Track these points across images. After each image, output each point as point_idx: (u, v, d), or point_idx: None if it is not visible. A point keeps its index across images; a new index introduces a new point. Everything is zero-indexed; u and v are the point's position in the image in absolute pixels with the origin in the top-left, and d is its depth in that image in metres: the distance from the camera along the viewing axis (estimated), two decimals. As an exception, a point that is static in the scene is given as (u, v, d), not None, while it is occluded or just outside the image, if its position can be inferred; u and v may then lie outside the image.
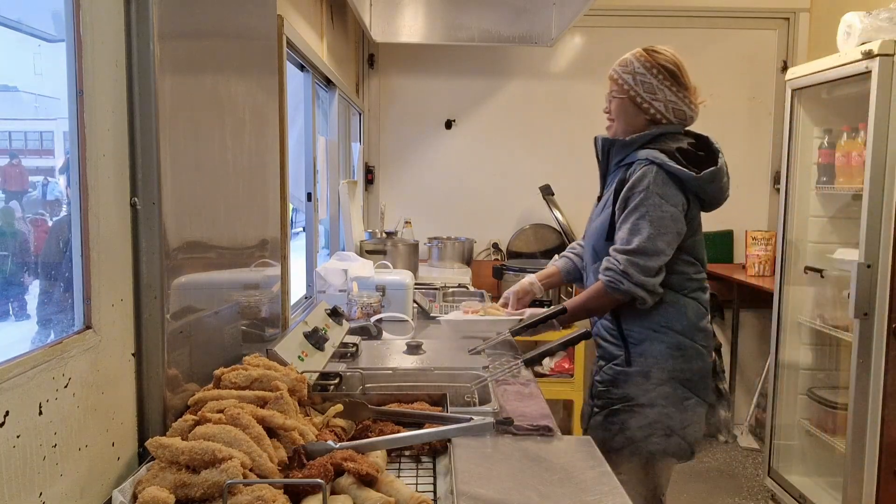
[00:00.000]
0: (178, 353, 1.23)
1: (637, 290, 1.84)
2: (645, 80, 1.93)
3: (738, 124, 4.41)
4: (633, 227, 1.86)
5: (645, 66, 1.94)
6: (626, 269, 1.84)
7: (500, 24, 3.79)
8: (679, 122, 1.99)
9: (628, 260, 1.84)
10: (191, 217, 1.29)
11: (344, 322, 2.11)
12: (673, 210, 1.88)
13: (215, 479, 0.96)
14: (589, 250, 2.04)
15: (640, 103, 1.94)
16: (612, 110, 2.00)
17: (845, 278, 2.76)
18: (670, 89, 1.96)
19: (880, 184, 2.55)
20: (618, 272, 1.84)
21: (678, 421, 1.91)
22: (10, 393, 0.82)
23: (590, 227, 2.06)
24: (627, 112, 1.96)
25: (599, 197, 2.08)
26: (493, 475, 1.18)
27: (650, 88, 1.94)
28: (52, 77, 1.04)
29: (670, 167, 1.87)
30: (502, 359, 1.85)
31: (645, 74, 1.94)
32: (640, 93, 1.94)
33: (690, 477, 3.73)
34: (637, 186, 1.87)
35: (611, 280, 1.86)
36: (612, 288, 1.86)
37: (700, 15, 4.32)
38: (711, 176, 1.91)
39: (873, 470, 2.62)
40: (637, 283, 1.83)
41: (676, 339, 1.91)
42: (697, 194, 1.95)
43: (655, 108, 1.95)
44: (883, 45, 2.51)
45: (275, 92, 1.91)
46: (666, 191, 1.88)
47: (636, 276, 1.83)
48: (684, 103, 1.99)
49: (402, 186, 4.47)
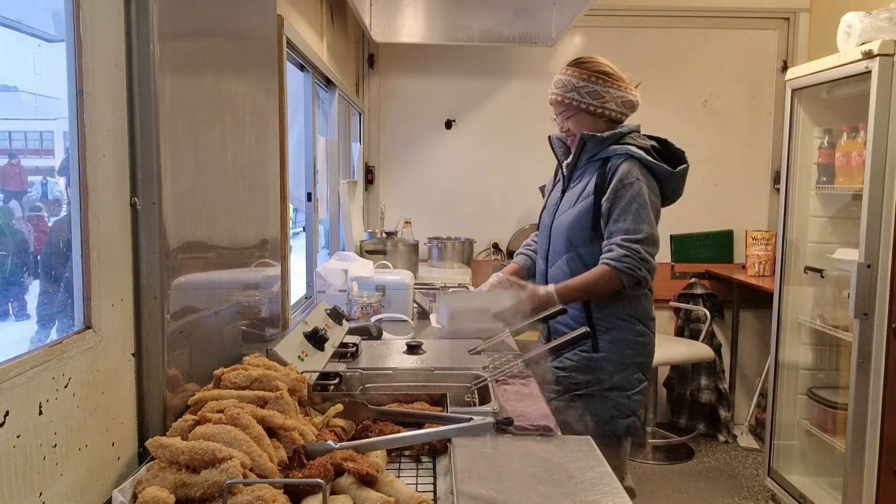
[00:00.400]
0: (178, 353, 1.23)
1: (649, 276, 2.03)
2: (589, 90, 2.09)
3: (738, 124, 4.42)
4: (636, 217, 2.01)
5: (583, 79, 2.10)
6: (645, 257, 2.00)
7: (500, 24, 3.79)
8: (630, 111, 2.15)
9: (644, 248, 2.00)
10: (191, 217, 1.29)
11: (344, 322, 2.11)
12: (656, 200, 2.08)
13: (215, 479, 0.96)
14: (561, 240, 2.14)
15: (594, 111, 2.10)
16: (572, 128, 2.13)
17: (845, 278, 2.76)
18: (612, 87, 2.11)
19: (880, 184, 2.55)
20: (636, 259, 1.99)
21: (637, 403, 2.08)
22: (10, 393, 0.82)
23: (560, 217, 2.16)
24: (586, 123, 2.11)
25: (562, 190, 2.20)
26: (492, 475, 1.18)
27: (597, 95, 2.09)
28: (52, 77, 1.04)
29: (649, 161, 2.04)
30: (502, 359, 1.85)
31: (587, 85, 2.09)
32: (591, 102, 2.09)
33: (690, 477, 3.73)
34: (626, 179, 2.01)
35: (629, 266, 1.99)
36: (629, 274, 1.99)
37: (700, 15, 4.32)
38: (683, 172, 2.10)
39: (873, 470, 2.62)
40: (650, 269, 2.02)
41: (638, 327, 2.09)
42: (662, 187, 2.11)
43: (610, 109, 2.10)
44: (883, 45, 2.51)
45: (275, 92, 1.91)
46: (650, 182, 2.05)
47: (651, 263, 2.02)
48: (627, 93, 2.14)
49: (402, 186, 4.47)
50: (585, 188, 2.09)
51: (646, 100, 4.42)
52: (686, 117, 4.41)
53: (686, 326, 4.33)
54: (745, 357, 4.41)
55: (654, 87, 4.40)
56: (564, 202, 2.17)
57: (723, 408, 4.22)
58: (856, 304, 2.60)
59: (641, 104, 2.23)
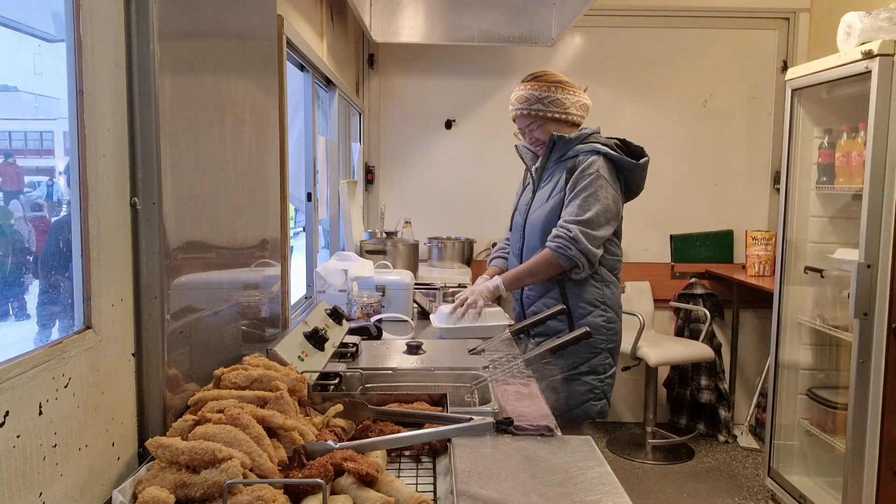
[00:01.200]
0: (178, 353, 1.23)
1: (581, 257, 2.12)
2: (551, 99, 2.24)
3: (738, 124, 4.42)
4: (583, 203, 2.13)
5: (544, 90, 2.25)
6: (577, 236, 2.10)
7: (500, 24, 3.79)
8: (586, 113, 2.33)
9: (579, 229, 2.10)
10: (191, 217, 1.29)
11: (344, 322, 2.11)
12: (615, 194, 2.18)
13: (215, 479, 0.96)
14: (535, 236, 2.28)
15: (559, 118, 2.26)
16: (540, 137, 2.28)
17: (845, 278, 2.76)
18: (570, 94, 2.27)
19: (880, 184, 2.55)
20: (567, 239, 2.11)
21: (608, 385, 2.23)
22: (10, 393, 0.82)
23: (533, 216, 2.30)
24: (553, 130, 2.26)
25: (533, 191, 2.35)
26: (493, 475, 1.18)
27: (559, 102, 2.25)
28: (52, 77, 1.04)
29: (613, 155, 2.18)
30: (502, 359, 1.85)
31: (548, 95, 2.24)
32: (556, 110, 2.25)
33: (690, 477, 3.73)
34: (587, 171, 2.16)
35: (560, 246, 2.12)
36: (560, 253, 2.12)
37: (700, 15, 4.32)
38: (646, 164, 2.24)
39: (873, 470, 2.62)
40: (583, 250, 2.10)
41: (610, 314, 2.22)
42: (626, 180, 2.24)
43: (571, 114, 2.27)
44: (883, 45, 2.51)
45: (275, 92, 1.91)
46: (610, 175, 2.18)
47: (584, 244, 2.10)
48: (582, 97, 2.31)
49: (402, 186, 4.47)
50: (556, 186, 2.24)
51: (646, 100, 4.46)
52: (686, 117, 4.41)
53: (686, 326, 4.33)
54: (745, 357, 4.41)
55: (654, 87, 4.40)
56: (536, 201, 2.31)
57: (723, 408, 4.22)
58: (856, 304, 2.60)
59: (642, 104, 2.29)
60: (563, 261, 2.13)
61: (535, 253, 2.25)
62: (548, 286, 2.27)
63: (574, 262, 2.12)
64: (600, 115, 4.50)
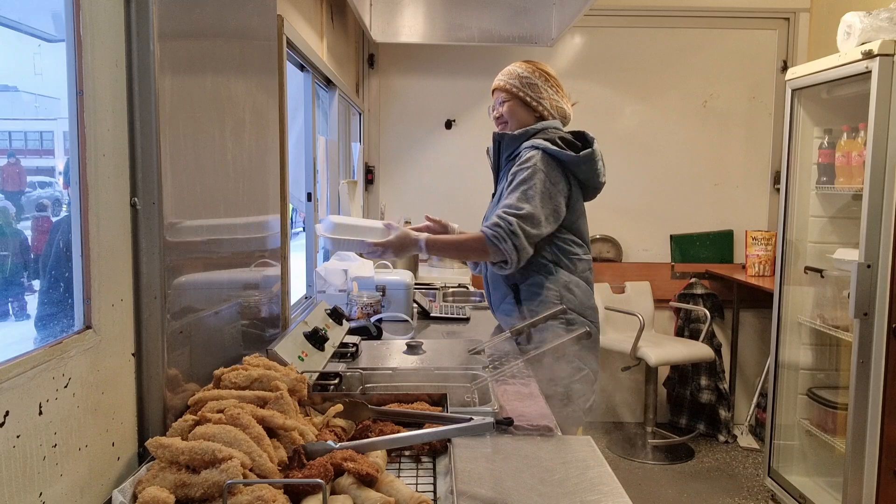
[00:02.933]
0: (178, 353, 1.23)
1: (514, 253, 2.01)
2: (531, 83, 2.18)
3: (738, 124, 4.42)
4: (522, 196, 2.04)
5: (529, 72, 2.19)
6: (516, 230, 2.01)
7: (500, 24, 3.79)
8: (561, 119, 2.24)
9: (519, 224, 2.01)
10: (191, 217, 1.29)
11: (344, 322, 2.11)
12: (553, 189, 2.07)
13: (215, 479, 0.96)
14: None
15: (528, 102, 2.18)
16: (505, 112, 2.22)
17: (845, 278, 2.76)
18: (551, 89, 2.21)
19: (880, 184, 2.55)
20: (506, 230, 2.01)
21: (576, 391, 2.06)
22: (10, 393, 0.82)
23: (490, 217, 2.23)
24: (518, 112, 2.20)
25: (494, 194, 2.31)
26: (493, 475, 1.18)
27: (536, 90, 2.18)
28: (52, 77, 1.04)
29: (552, 150, 2.07)
30: (502, 359, 1.85)
31: (530, 78, 2.19)
32: (529, 94, 2.18)
33: (690, 477, 3.73)
34: (524, 164, 2.07)
35: (496, 235, 2.01)
36: (493, 243, 2.02)
37: (700, 15, 4.32)
38: (587, 156, 2.10)
39: (873, 470, 2.62)
40: (518, 246, 2.01)
41: (571, 316, 2.10)
42: (576, 175, 2.14)
43: (543, 106, 2.19)
44: (883, 45, 2.51)
45: (275, 92, 1.91)
46: (550, 171, 2.07)
47: (520, 240, 2.01)
48: (562, 101, 2.24)
49: (402, 186, 4.47)
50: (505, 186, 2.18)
51: (646, 100, 4.46)
52: (686, 117, 4.41)
53: (686, 326, 4.33)
54: (745, 357, 4.41)
55: (654, 87, 4.40)
56: (491, 204, 2.29)
57: (723, 408, 4.22)
58: (856, 304, 2.60)
59: (643, 104, 2.25)
60: (493, 251, 2.03)
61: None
62: (504, 292, 2.19)
63: (504, 256, 2.03)
64: (600, 115, 4.53)
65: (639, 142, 4.42)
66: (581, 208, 2.18)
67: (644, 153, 4.43)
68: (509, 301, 2.18)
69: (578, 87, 4.42)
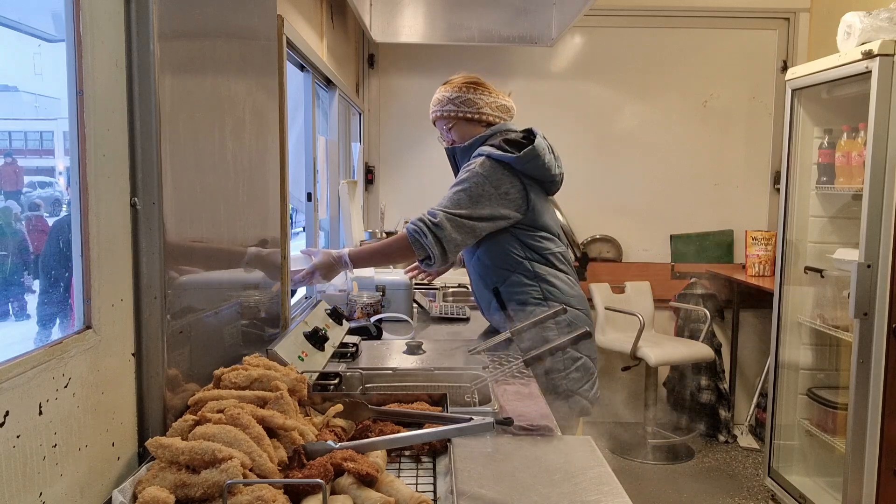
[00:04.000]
0: (178, 353, 1.23)
1: (435, 247, 2.01)
2: (463, 99, 2.18)
3: (738, 124, 4.42)
4: (451, 196, 2.07)
5: (454, 91, 2.20)
6: (440, 223, 2.01)
7: (500, 24, 3.78)
8: (506, 115, 2.23)
9: (444, 221, 2.01)
10: (191, 217, 1.29)
11: (344, 322, 2.11)
12: (493, 191, 2.06)
13: (215, 479, 0.96)
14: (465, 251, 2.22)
15: (471, 118, 2.19)
16: (456, 138, 2.24)
17: (845, 278, 2.76)
18: (483, 94, 2.20)
19: (880, 184, 2.55)
20: (428, 226, 2.02)
21: (574, 381, 2.11)
22: (10, 393, 0.82)
23: None
24: (465, 130, 2.21)
25: None
26: (493, 475, 1.18)
27: (470, 102, 2.18)
28: (52, 77, 1.04)
29: (495, 154, 2.07)
30: (502, 359, 1.85)
31: (459, 96, 2.19)
32: (467, 110, 2.18)
33: (690, 477, 3.73)
34: (464, 171, 2.10)
35: (417, 230, 2.02)
36: (415, 238, 2.02)
37: (700, 15, 4.32)
38: (528, 154, 2.06)
39: (873, 470, 2.62)
40: (442, 238, 2.00)
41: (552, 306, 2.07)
42: (526, 174, 2.11)
43: (485, 114, 2.19)
44: (883, 45, 2.51)
45: (275, 92, 1.91)
46: (492, 174, 2.06)
47: (444, 233, 2.00)
48: (500, 98, 2.22)
49: (402, 186, 4.47)
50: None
51: (646, 100, 4.46)
52: (686, 117, 4.41)
53: (686, 326, 4.33)
54: (745, 357, 4.41)
55: (654, 87, 4.41)
56: None
57: (723, 408, 4.22)
58: (856, 304, 2.60)
59: (642, 104, 2.23)
60: (416, 247, 2.03)
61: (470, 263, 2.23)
62: (488, 297, 2.20)
63: (427, 251, 2.02)
64: (600, 115, 4.54)
65: (639, 142, 4.42)
66: (543, 203, 2.17)
67: (644, 153, 4.43)
68: (494, 307, 2.19)
69: (578, 87, 4.44)
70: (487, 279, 2.18)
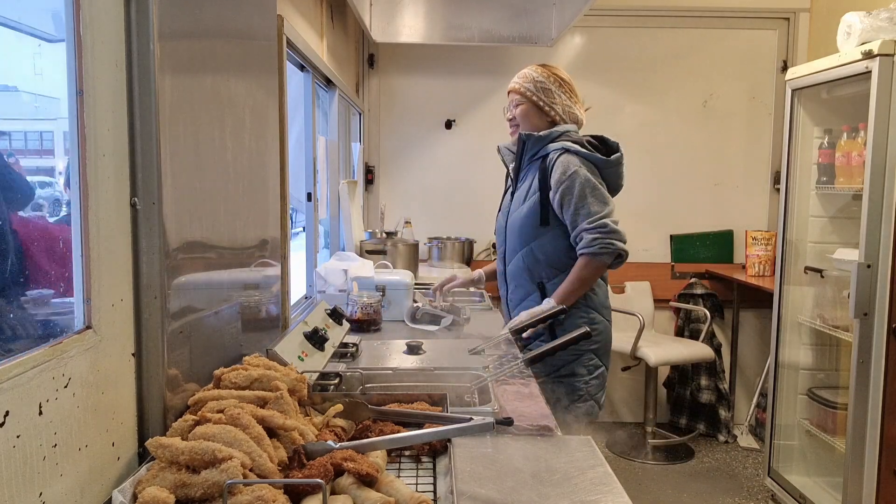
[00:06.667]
0: (178, 353, 1.23)
1: (624, 246, 2.13)
2: (545, 87, 2.24)
3: (738, 124, 4.42)
4: (592, 201, 2.13)
5: (544, 76, 2.25)
6: (613, 228, 2.11)
7: (500, 24, 3.78)
8: (573, 124, 2.29)
9: (611, 222, 2.11)
10: (191, 217, 1.29)
11: (344, 322, 2.11)
12: (600, 184, 2.17)
13: (215, 479, 0.96)
14: (515, 238, 2.27)
15: (542, 107, 2.25)
16: (517, 115, 2.28)
17: (845, 278, 2.76)
18: (565, 95, 2.27)
19: (880, 184, 2.55)
20: (607, 235, 2.10)
21: (594, 387, 2.21)
22: (10, 393, 0.82)
23: (512, 217, 2.30)
24: (531, 116, 2.26)
25: (512, 192, 2.36)
26: (493, 475, 1.18)
27: (549, 95, 2.24)
28: (52, 77, 1.04)
29: (584, 153, 2.16)
30: (502, 359, 1.85)
31: (544, 83, 2.24)
32: (542, 98, 2.24)
33: (690, 477, 3.73)
34: (568, 170, 2.13)
35: (603, 246, 2.10)
36: (606, 251, 2.11)
37: (700, 15, 4.32)
38: (617, 160, 2.21)
39: (873, 470, 2.62)
40: (622, 239, 2.13)
41: (592, 315, 2.20)
42: (603, 177, 2.21)
43: (555, 111, 2.25)
44: (883, 45, 2.51)
45: (275, 92, 1.91)
46: (592, 171, 2.16)
47: (621, 234, 2.13)
48: (576, 107, 2.30)
49: (402, 186, 4.47)
50: (531, 186, 2.23)
51: (646, 100, 4.46)
52: (686, 117, 4.41)
53: (686, 326, 4.33)
54: (745, 357, 4.41)
55: (654, 87, 4.40)
56: (514, 203, 2.31)
57: (723, 408, 4.22)
58: (856, 304, 2.60)
59: (642, 104, 2.25)
60: (608, 258, 2.12)
61: (515, 255, 2.26)
62: (529, 289, 2.26)
63: (617, 253, 2.12)
64: (600, 115, 4.51)
65: (639, 142, 4.42)
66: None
67: (644, 153, 4.43)
68: (533, 299, 2.23)
69: (578, 87, 4.43)
70: (535, 273, 2.23)
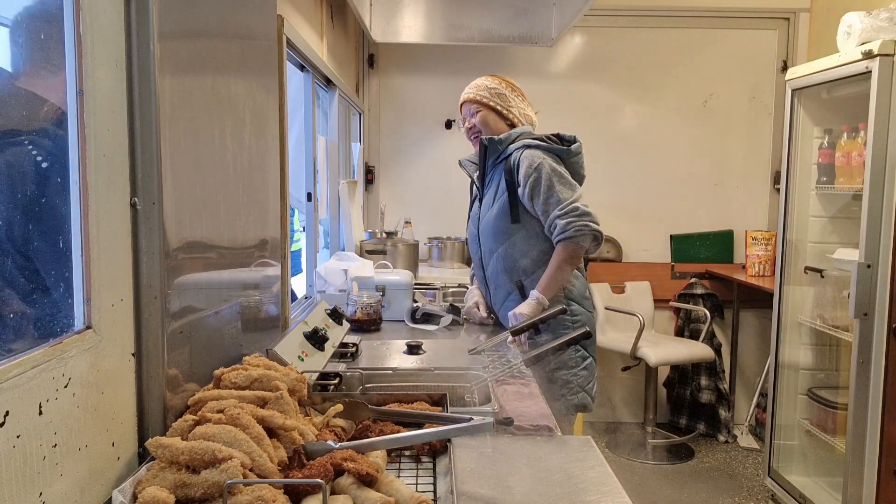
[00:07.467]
0: (178, 353, 1.23)
1: (598, 227, 2.14)
2: (499, 93, 2.31)
3: (738, 124, 4.42)
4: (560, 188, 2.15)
5: (495, 83, 2.32)
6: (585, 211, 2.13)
7: (500, 24, 3.79)
8: (528, 126, 2.34)
9: (581, 209, 2.13)
10: (191, 217, 1.29)
11: (344, 322, 2.11)
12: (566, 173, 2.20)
13: (215, 479, 0.96)
14: (489, 240, 2.30)
15: (500, 111, 2.31)
16: (477, 122, 2.32)
17: (845, 278, 2.76)
18: (517, 98, 2.34)
19: (880, 184, 2.55)
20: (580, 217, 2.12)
21: (584, 378, 2.23)
22: (10, 393, 0.82)
23: (484, 221, 2.32)
24: (490, 121, 2.31)
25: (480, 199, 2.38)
26: (493, 475, 1.18)
27: (505, 99, 2.31)
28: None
29: (545, 146, 2.21)
30: (502, 359, 1.85)
31: (497, 88, 2.31)
32: (499, 102, 2.30)
33: (690, 477, 3.73)
34: (533, 163, 2.16)
35: (578, 229, 2.11)
36: (581, 234, 2.12)
37: (700, 15, 4.32)
38: (578, 149, 2.27)
39: (873, 470, 2.62)
40: (595, 220, 2.14)
41: (572, 307, 2.21)
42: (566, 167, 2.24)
43: (513, 114, 2.31)
44: (883, 45, 2.51)
45: (275, 92, 1.91)
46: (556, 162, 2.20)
47: (593, 216, 2.14)
48: (528, 109, 2.37)
49: (402, 186, 4.47)
50: (498, 188, 2.27)
51: (646, 100, 4.46)
52: (686, 117, 4.41)
53: (686, 326, 4.33)
54: (745, 357, 4.41)
55: (654, 87, 4.41)
56: (483, 207, 2.34)
57: (723, 408, 4.22)
58: (856, 304, 2.60)
59: (642, 104, 2.26)
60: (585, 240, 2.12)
61: (492, 257, 2.28)
62: (509, 289, 2.26)
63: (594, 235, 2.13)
64: (600, 115, 4.54)
65: (639, 142, 4.43)
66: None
67: (644, 153, 4.43)
68: (514, 298, 2.23)
69: (578, 87, 4.44)
70: (513, 273, 2.24)
